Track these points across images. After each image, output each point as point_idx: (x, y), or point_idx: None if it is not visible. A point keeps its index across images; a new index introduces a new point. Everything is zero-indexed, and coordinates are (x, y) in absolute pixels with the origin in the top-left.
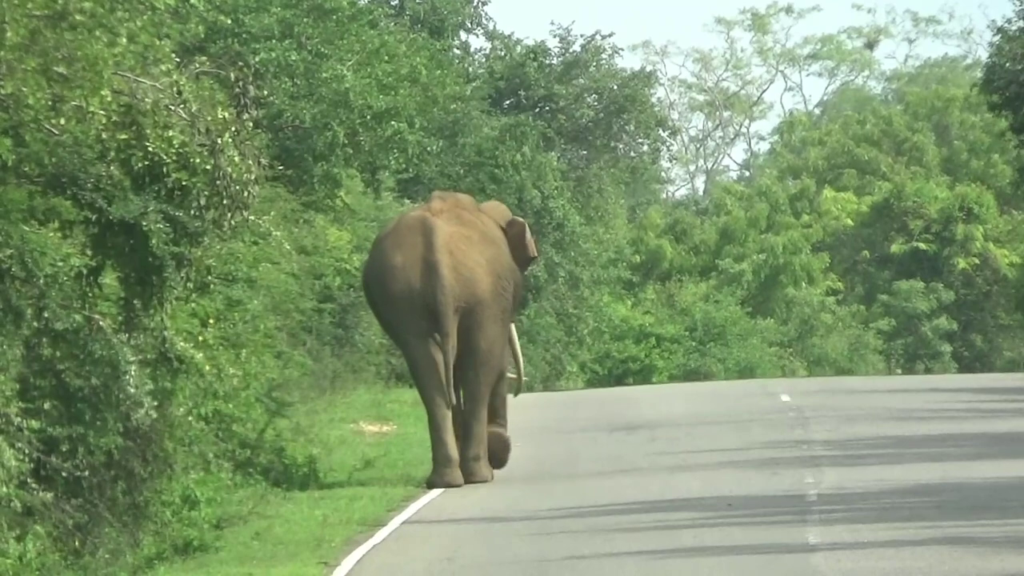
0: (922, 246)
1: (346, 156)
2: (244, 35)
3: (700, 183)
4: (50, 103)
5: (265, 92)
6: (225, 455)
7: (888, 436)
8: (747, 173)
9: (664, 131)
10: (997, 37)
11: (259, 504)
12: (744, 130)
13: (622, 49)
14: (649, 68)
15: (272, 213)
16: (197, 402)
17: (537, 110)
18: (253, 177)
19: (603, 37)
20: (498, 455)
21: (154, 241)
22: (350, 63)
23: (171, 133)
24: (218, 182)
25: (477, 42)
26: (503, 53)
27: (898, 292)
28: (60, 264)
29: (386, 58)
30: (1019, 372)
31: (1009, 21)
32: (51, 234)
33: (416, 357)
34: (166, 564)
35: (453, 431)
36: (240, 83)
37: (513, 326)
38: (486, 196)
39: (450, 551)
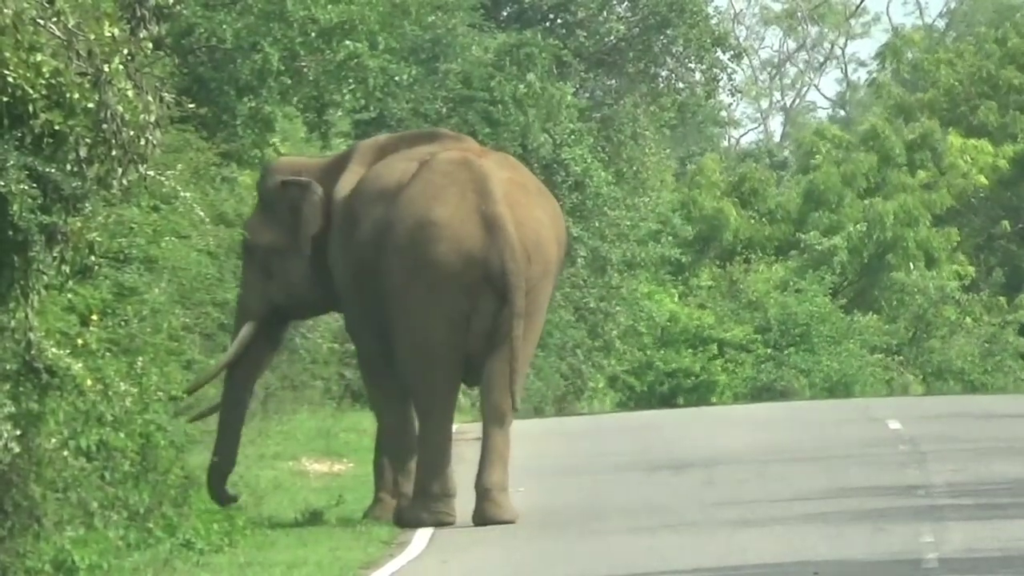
0: None
1: (282, 89)
2: None
3: (776, 125)
4: None
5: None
6: (114, 505)
7: None
8: (842, 112)
9: (725, 53)
10: None
11: (162, 572)
12: (838, 52)
13: None
14: None
15: (180, 167)
16: (75, 431)
17: (548, 24)
18: (153, 119)
19: None
20: None
21: (16, 207)
22: None
23: (39, 57)
24: (104, 125)
25: None
26: None
27: None
28: None
29: None
30: None
31: None
32: None
33: (440, 346)
34: None
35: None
36: None
37: None
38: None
39: None
